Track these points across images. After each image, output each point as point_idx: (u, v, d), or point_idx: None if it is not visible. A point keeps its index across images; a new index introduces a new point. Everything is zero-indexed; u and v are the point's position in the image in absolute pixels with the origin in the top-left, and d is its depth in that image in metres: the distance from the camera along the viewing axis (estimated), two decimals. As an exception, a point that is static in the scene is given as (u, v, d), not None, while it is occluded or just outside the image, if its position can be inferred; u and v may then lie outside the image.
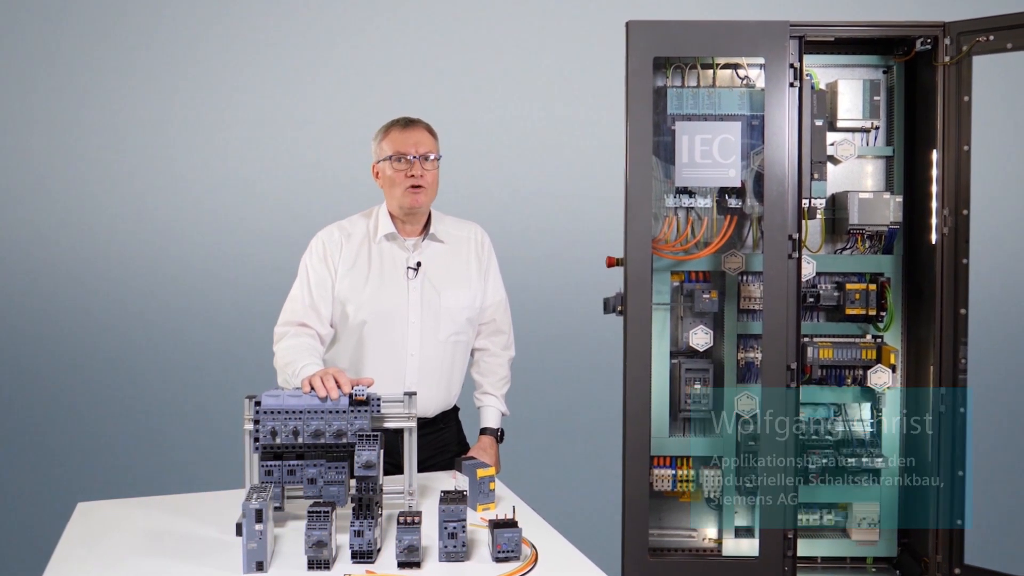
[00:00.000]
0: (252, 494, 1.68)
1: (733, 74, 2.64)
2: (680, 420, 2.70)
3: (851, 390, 2.67)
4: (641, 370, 2.43)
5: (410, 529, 1.68)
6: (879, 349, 2.63)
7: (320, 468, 1.89)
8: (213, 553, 1.76)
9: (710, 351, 2.64)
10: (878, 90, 2.62)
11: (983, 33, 2.40)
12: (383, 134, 2.34)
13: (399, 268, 2.32)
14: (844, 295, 2.60)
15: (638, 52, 2.37)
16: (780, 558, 2.43)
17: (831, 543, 2.70)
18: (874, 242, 2.66)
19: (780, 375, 2.40)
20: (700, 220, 2.63)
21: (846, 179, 2.69)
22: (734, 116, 2.53)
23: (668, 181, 2.56)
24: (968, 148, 2.45)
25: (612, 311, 2.50)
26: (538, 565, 1.71)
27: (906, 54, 2.60)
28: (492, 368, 2.49)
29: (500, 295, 2.49)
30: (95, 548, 1.80)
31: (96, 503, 2.10)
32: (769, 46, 2.38)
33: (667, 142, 2.54)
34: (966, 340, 2.47)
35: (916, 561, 2.61)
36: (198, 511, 2.01)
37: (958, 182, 2.45)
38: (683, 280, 2.65)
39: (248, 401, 1.90)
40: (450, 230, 2.41)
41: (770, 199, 2.39)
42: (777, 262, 2.39)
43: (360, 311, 2.29)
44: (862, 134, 2.67)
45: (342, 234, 2.35)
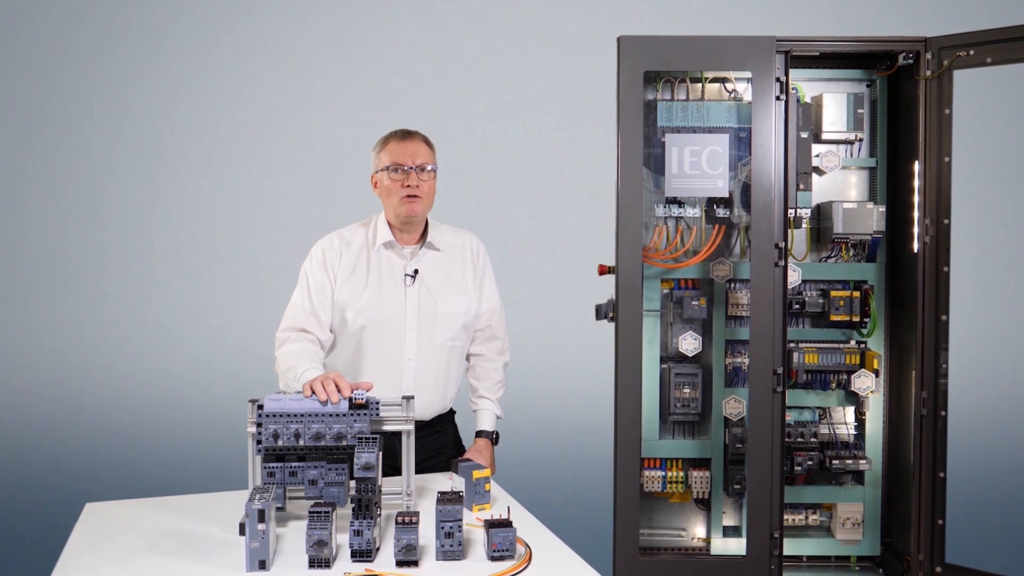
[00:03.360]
0: (255, 495, 1.69)
1: (721, 88, 2.65)
2: (670, 423, 2.71)
3: (835, 394, 2.69)
4: (632, 374, 2.44)
5: (408, 529, 1.69)
6: (863, 354, 2.65)
7: (321, 470, 1.90)
8: (217, 552, 1.77)
9: (699, 356, 2.66)
10: (862, 103, 2.64)
11: (963, 48, 2.42)
12: (381, 145, 2.36)
13: (397, 275, 2.35)
14: (829, 302, 2.62)
15: (629, 66, 2.39)
16: (767, 557, 2.45)
17: (816, 542, 2.72)
18: (858, 250, 2.68)
19: (767, 379, 2.42)
20: (689, 229, 2.65)
21: (831, 189, 2.71)
22: (722, 128, 2.55)
23: (658, 191, 2.58)
24: (949, 159, 2.46)
25: (604, 317, 2.51)
26: (532, 564, 1.72)
27: (889, 68, 2.63)
28: (487, 373, 2.51)
29: (495, 302, 2.51)
30: (103, 547, 1.81)
31: (103, 504, 2.10)
32: (756, 61, 2.39)
33: (657, 154, 2.56)
34: (947, 345, 2.48)
35: (899, 560, 2.64)
36: (203, 511, 2.02)
37: (939, 192, 2.47)
38: (673, 287, 2.66)
39: (251, 405, 1.91)
40: (447, 238, 2.43)
41: (757, 209, 2.40)
42: (764, 270, 2.40)
43: (359, 317, 2.31)
44: (846, 146, 2.69)
45: (341, 242, 2.37)
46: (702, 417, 2.70)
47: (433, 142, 2.40)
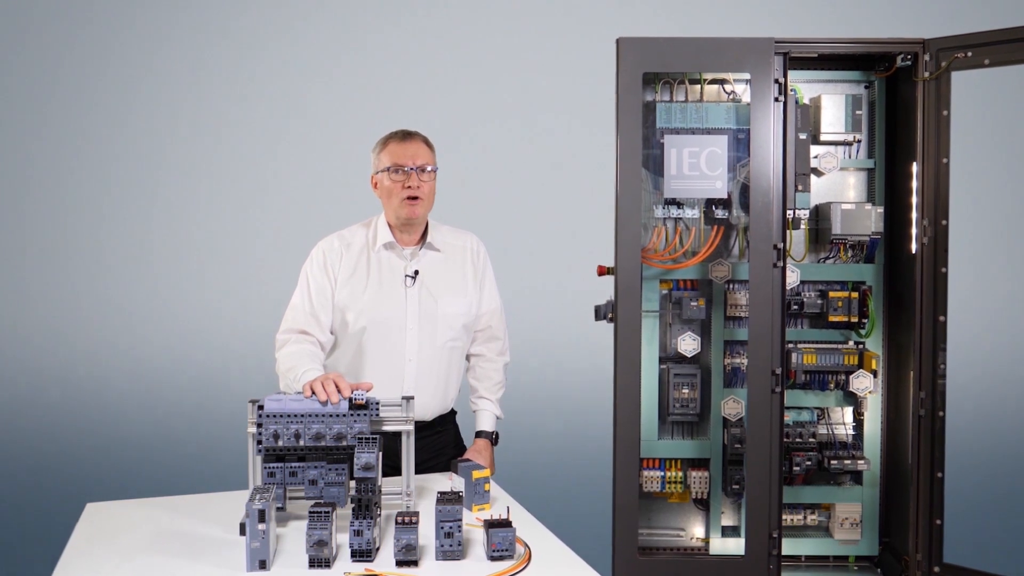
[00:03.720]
0: (255, 495, 1.70)
1: (720, 89, 2.66)
2: (669, 423, 2.71)
3: (834, 394, 2.70)
4: (631, 375, 2.44)
5: (408, 529, 1.70)
6: (861, 355, 2.65)
7: (321, 470, 1.91)
8: (218, 552, 1.78)
9: (698, 357, 2.66)
10: (860, 104, 2.64)
11: (961, 50, 2.42)
12: (381, 146, 2.37)
13: (397, 276, 2.36)
14: (827, 303, 2.62)
15: (628, 68, 2.39)
16: (765, 557, 2.45)
17: (815, 542, 2.73)
18: (856, 251, 2.68)
19: (765, 380, 2.42)
20: (688, 230, 2.65)
21: (829, 191, 2.71)
22: (721, 130, 2.55)
23: (657, 193, 2.59)
24: (947, 161, 2.46)
25: (603, 318, 2.52)
26: (531, 563, 1.73)
27: (887, 70, 2.63)
28: (488, 373, 2.52)
29: (496, 302, 2.52)
30: (104, 547, 1.82)
31: (105, 504, 2.12)
32: (755, 62, 2.39)
33: (656, 155, 2.56)
34: (945, 346, 2.48)
35: (897, 560, 2.65)
36: (203, 511, 2.03)
37: (937, 193, 2.47)
38: (671, 288, 2.66)
39: (251, 405, 1.92)
40: (447, 239, 2.44)
41: (755, 210, 2.41)
42: (762, 271, 2.41)
43: (359, 318, 2.32)
44: (844, 147, 2.69)
45: (342, 243, 2.38)
46: (701, 417, 2.70)
47: (433, 143, 2.41)
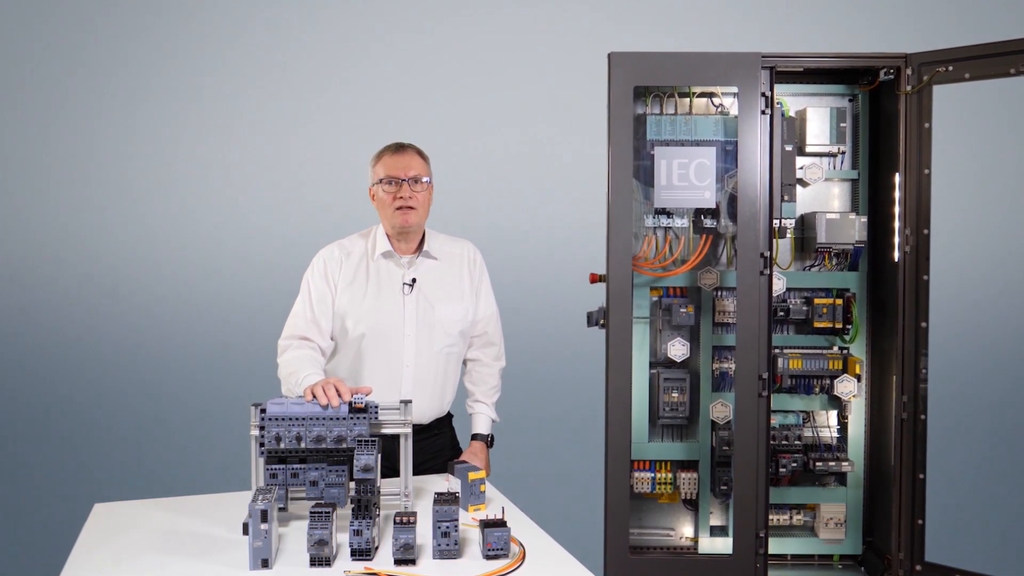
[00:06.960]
0: (258, 496, 1.73)
1: (708, 102, 2.70)
2: (659, 426, 2.75)
3: (819, 398, 2.74)
4: (622, 379, 2.48)
5: (406, 528, 1.73)
6: (845, 360, 2.69)
7: (321, 471, 1.94)
8: (221, 551, 1.81)
9: (687, 362, 2.70)
10: (844, 117, 2.69)
11: (943, 64, 2.46)
12: (376, 159, 2.42)
13: (395, 284, 2.40)
14: (812, 309, 2.66)
15: (619, 82, 2.44)
16: (752, 556, 2.49)
17: (800, 542, 2.77)
18: (840, 259, 2.72)
19: (752, 384, 2.46)
20: (677, 239, 2.70)
21: (814, 200, 2.76)
22: (709, 142, 2.59)
23: (647, 202, 2.62)
24: (929, 171, 2.50)
25: (595, 324, 2.56)
26: (525, 562, 1.75)
27: (870, 83, 2.68)
28: (483, 378, 2.56)
29: (491, 308, 2.56)
30: (111, 546, 1.85)
31: (112, 504, 2.14)
32: (742, 76, 2.44)
33: (647, 166, 2.60)
34: (926, 351, 2.52)
35: (880, 559, 2.69)
36: (207, 511, 2.06)
37: (919, 203, 2.51)
38: (661, 295, 2.69)
39: (254, 409, 1.95)
40: (443, 247, 2.48)
41: (743, 219, 2.45)
42: (750, 278, 2.45)
43: (359, 325, 2.37)
44: (829, 158, 2.74)
45: (342, 252, 2.42)
46: (690, 420, 2.74)
47: (428, 154, 2.45)
